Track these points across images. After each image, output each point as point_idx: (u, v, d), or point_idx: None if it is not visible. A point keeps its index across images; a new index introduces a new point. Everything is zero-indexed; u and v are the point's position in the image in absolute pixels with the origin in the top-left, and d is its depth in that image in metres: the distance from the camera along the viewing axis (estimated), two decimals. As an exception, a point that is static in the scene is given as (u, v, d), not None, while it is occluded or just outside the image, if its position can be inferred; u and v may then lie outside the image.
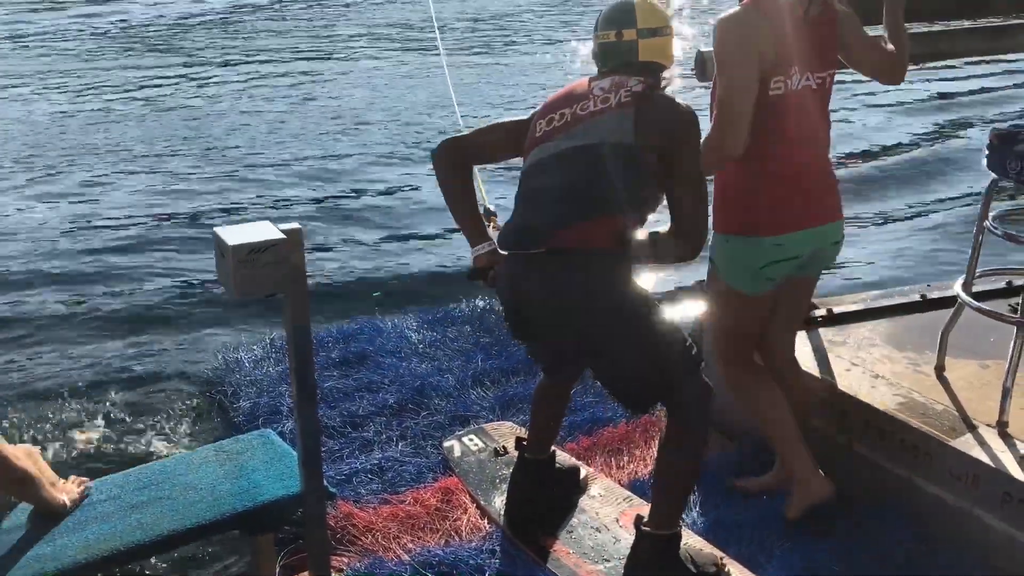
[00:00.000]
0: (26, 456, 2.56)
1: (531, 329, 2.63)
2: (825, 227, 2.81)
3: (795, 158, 2.75)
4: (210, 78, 11.51)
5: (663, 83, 2.61)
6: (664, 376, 2.52)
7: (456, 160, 2.64)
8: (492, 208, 3.04)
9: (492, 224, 2.90)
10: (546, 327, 2.57)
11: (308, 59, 12.61)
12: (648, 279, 2.61)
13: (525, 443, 2.99)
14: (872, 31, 2.88)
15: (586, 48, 2.81)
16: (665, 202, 2.52)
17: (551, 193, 2.51)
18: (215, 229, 2.33)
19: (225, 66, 12.27)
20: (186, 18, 16.06)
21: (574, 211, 2.45)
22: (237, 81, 11.35)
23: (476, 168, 2.73)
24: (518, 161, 2.69)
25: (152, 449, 3.70)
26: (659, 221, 2.54)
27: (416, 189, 7.30)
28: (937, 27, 3.88)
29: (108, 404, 4.14)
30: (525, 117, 2.70)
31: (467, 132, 2.73)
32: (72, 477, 2.76)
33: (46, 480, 2.60)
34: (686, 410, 2.55)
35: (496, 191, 2.96)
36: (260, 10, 16.85)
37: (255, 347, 4.35)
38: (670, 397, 2.56)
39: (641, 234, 2.50)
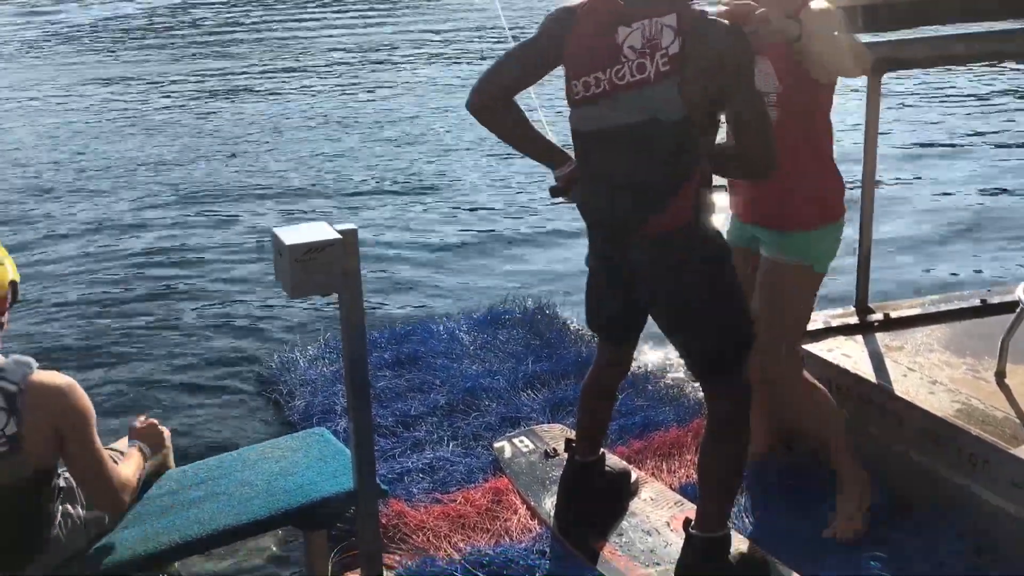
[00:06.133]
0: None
1: (622, 280, 2.59)
2: None
3: None
4: (265, 75, 11.69)
5: None
6: (733, 337, 2.50)
7: (497, 103, 2.56)
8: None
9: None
10: (642, 285, 2.55)
11: (358, 61, 12.74)
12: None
13: (574, 444, 2.98)
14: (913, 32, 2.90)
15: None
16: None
17: (620, 181, 2.44)
18: (273, 229, 2.38)
19: (277, 63, 12.45)
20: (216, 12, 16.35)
21: (651, 203, 2.39)
22: (291, 79, 11.51)
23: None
24: None
25: (209, 446, 3.77)
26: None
27: (470, 188, 7.34)
28: (1000, 26, 3.80)
29: (166, 402, 4.23)
30: (536, 36, 2.54)
31: (490, 73, 2.56)
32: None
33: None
34: (733, 400, 2.53)
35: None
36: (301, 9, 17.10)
37: (310, 347, 4.42)
38: (730, 365, 2.52)
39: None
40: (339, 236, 2.33)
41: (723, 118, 2.48)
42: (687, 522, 2.61)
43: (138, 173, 8.11)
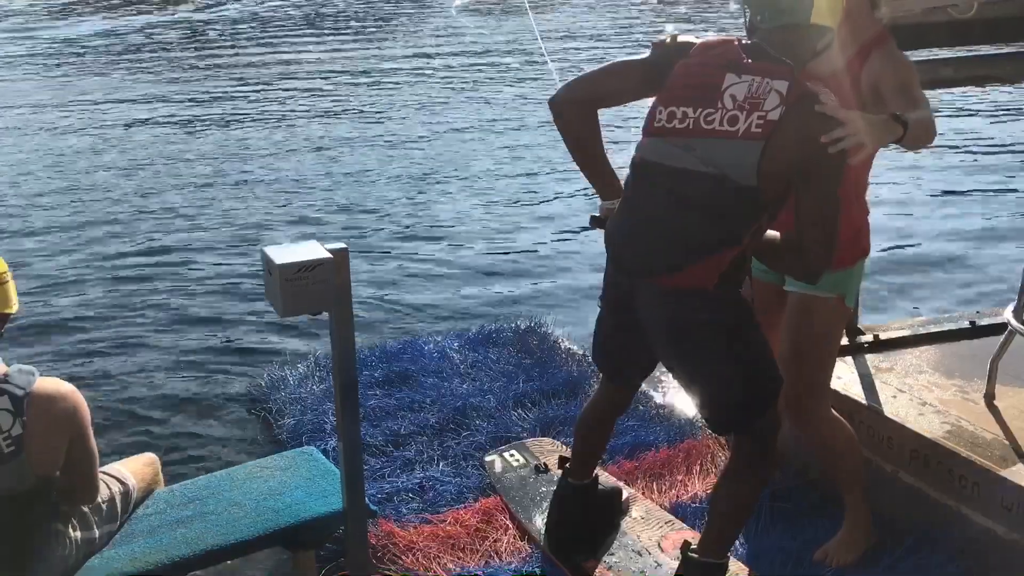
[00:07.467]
0: (144, 465, 2.89)
1: (633, 326, 2.49)
2: None
3: None
4: (252, 97, 11.71)
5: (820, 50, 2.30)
6: (756, 399, 2.44)
7: (579, 107, 2.48)
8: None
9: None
10: (651, 337, 2.48)
11: (349, 82, 12.77)
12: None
13: (568, 466, 2.96)
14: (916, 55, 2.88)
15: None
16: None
17: (664, 224, 2.34)
18: (263, 248, 2.38)
19: (267, 84, 12.48)
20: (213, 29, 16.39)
21: (685, 257, 2.30)
22: (282, 100, 11.53)
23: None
24: None
25: (197, 465, 3.75)
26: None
27: (460, 208, 7.36)
28: (979, 51, 3.83)
29: (154, 421, 4.21)
30: (644, 57, 2.47)
31: (585, 78, 2.51)
32: None
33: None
34: (760, 440, 2.49)
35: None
36: (296, 26, 17.15)
37: (300, 365, 4.40)
38: (751, 422, 2.47)
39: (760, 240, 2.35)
40: (330, 255, 2.33)
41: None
42: (686, 544, 2.59)
43: (125, 193, 8.08)
